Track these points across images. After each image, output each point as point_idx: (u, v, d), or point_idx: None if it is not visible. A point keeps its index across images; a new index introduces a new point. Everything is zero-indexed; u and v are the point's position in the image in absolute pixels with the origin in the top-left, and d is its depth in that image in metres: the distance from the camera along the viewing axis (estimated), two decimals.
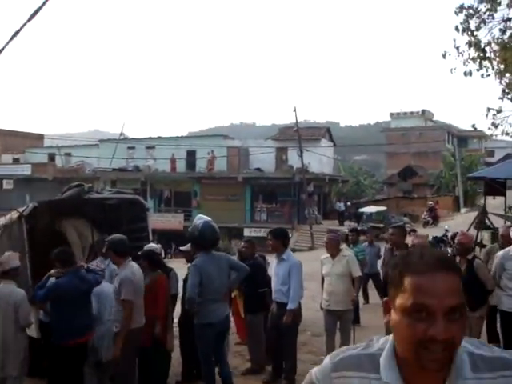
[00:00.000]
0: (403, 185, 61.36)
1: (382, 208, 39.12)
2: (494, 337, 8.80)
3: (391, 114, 78.39)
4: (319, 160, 42.69)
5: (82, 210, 8.78)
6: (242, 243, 8.90)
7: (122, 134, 52.12)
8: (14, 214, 8.94)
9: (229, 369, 7.43)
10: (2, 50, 7.09)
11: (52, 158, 51.64)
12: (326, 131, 47.41)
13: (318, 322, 10.79)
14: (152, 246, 8.03)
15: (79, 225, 9.34)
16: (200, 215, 7.29)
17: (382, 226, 31.54)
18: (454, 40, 13.22)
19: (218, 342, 7.10)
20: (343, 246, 9.20)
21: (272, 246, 7.67)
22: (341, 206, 42.17)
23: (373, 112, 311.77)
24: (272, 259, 8.09)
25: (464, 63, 10.99)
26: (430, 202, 41.12)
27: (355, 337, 8.23)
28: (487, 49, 11.06)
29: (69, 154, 50.64)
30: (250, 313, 8.41)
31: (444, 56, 10.84)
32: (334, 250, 8.26)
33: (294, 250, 8.00)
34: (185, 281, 7.51)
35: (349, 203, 46.13)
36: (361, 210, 39.54)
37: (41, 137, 62.28)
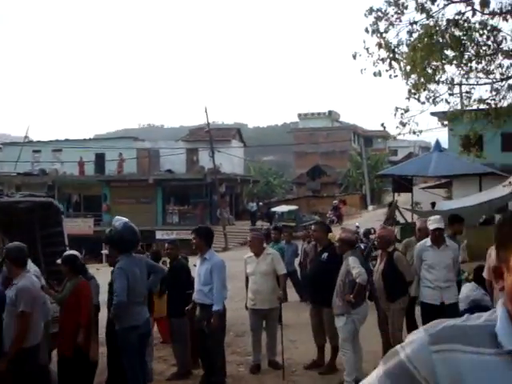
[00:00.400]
0: (312, 184, 62.64)
1: (294, 207, 39.65)
2: (413, 327, 9.07)
3: (299, 115, 79.61)
4: (230, 161, 42.85)
5: None
6: (166, 245, 8.70)
7: (26, 136, 50.10)
8: None
9: (151, 375, 7.29)
10: None
11: None
12: (236, 132, 47.73)
13: (240, 322, 10.82)
14: (73, 251, 7.73)
15: None
16: (118, 217, 7.05)
17: (293, 224, 31.92)
18: (364, 41, 13.55)
19: (141, 347, 6.93)
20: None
21: (195, 244, 7.52)
22: (253, 206, 42.32)
23: (280, 113, 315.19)
24: (196, 260, 7.95)
25: (374, 64, 11.23)
26: (335, 201, 42.16)
27: (282, 335, 8.22)
28: (397, 50, 11.36)
29: None
30: (175, 316, 8.17)
31: (354, 57, 11.02)
32: (257, 249, 8.25)
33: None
34: (110, 285, 7.27)
35: (261, 203, 46.47)
36: (273, 209, 39.90)
37: None
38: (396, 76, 11.40)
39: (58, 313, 7.13)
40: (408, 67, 11.22)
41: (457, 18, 10.69)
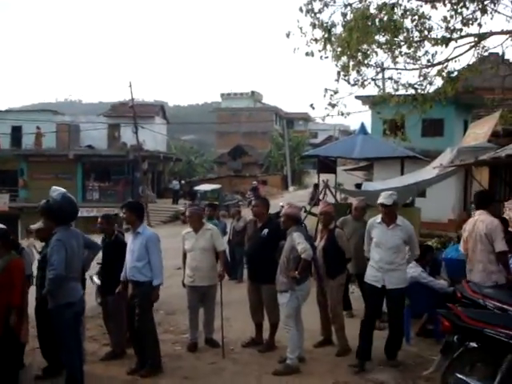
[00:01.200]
0: (233, 164, 62.82)
1: (217, 186, 39.56)
2: (347, 305, 9.25)
3: (222, 95, 79.72)
4: (153, 138, 42.13)
5: None
6: (99, 219, 8.36)
7: None
8: None
9: (84, 356, 7.04)
10: None
11: None
12: (160, 109, 46.91)
13: (170, 300, 10.69)
14: (1, 225, 7.32)
15: None
16: (55, 187, 6.62)
17: (217, 203, 31.81)
18: (298, 21, 13.51)
19: (76, 325, 6.66)
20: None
21: (126, 219, 7.27)
22: (176, 184, 41.92)
23: (201, 92, 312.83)
24: (127, 235, 7.68)
25: (307, 43, 11.24)
26: (254, 182, 42.29)
27: (222, 313, 8.15)
28: (332, 30, 11.40)
29: None
30: (110, 294, 7.92)
31: (288, 35, 10.96)
32: (196, 224, 8.13)
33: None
34: (42, 261, 6.95)
35: (183, 182, 46.08)
36: (196, 188, 39.65)
37: None
38: (327, 57, 11.47)
39: None
40: (339, 49, 11.29)
41: (393, 1, 10.85)
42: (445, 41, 10.52)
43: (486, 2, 10.44)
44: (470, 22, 10.61)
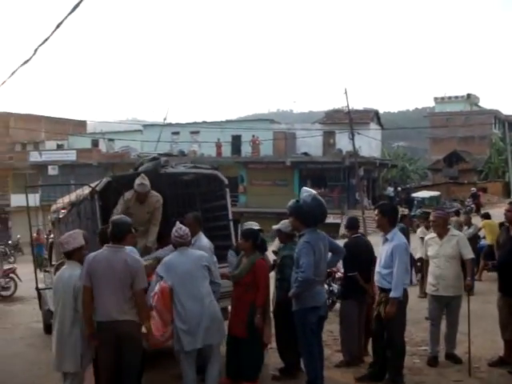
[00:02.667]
0: (449, 170, 60.05)
1: (436, 193, 38.06)
2: None
3: (435, 99, 77.54)
4: (368, 144, 41.63)
5: (157, 185, 7.93)
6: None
7: (165, 118, 51.61)
8: (85, 190, 8.37)
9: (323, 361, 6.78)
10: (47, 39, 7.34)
11: (95, 143, 51.44)
12: (374, 114, 46.26)
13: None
14: (253, 224, 7.43)
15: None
16: (305, 188, 6.68)
17: (429, 211, 30.47)
18: None
19: (319, 330, 6.49)
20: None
21: (378, 222, 6.84)
22: (391, 191, 40.97)
23: (411, 99, 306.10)
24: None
25: None
26: (473, 189, 39.77)
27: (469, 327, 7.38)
28: None
29: (112, 140, 50.37)
30: (347, 298, 7.67)
31: None
32: (441, 229, 7.50)
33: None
34: (282, 265, 6.89)
35: (399, 188, 45.04)
36: (413, 195, 38.42)
37: (83, 123, 62.55)
38: None
39: (229, 288, 6.86)
40: None
41: None
42: None
43: None
44: None
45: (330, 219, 29.11)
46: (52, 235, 12.57)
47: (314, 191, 6.49)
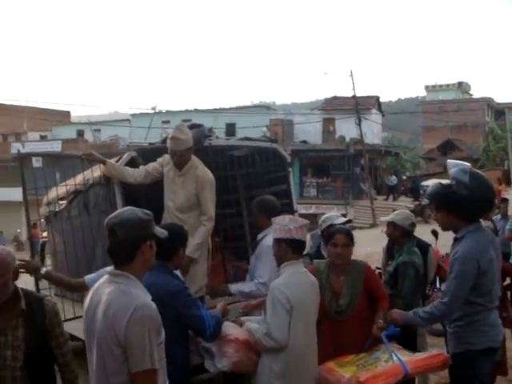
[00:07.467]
0: (443, 159, 58.63)
1: (447, 181, 36.23)
2: None
3: (426, 87, 77.36)
4: (371, 131, 39.86)
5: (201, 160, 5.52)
6: None
7: (153, 108, 49.78)
8: (96, 172, 5.92)
9: None
10: None
11: (81, 134, 49.69)
12: (375, 101, 44.47)
13: None
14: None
15: None
16: (452, 161, 4.43)
17: None
18: None
19: None
20: None
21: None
22: (393, 180, 39.06)
23: (401, 88, 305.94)
24: None
25: None
26: None
27: None
28: None
29: (98, 131, 48.91)
30: None
31: None
32: None
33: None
34: (396, 276, 4.98)
35: (404, 177, 43.47)
36: (423, 183, 36.62)
37: (67, 114, 60.44)
38: None
39: None
40: None
41: None
42: None
43: None
44: None
45: (333, 210, 27.50)
46: (45, 234, 10.32)
47: (467, 164, 4.33)
